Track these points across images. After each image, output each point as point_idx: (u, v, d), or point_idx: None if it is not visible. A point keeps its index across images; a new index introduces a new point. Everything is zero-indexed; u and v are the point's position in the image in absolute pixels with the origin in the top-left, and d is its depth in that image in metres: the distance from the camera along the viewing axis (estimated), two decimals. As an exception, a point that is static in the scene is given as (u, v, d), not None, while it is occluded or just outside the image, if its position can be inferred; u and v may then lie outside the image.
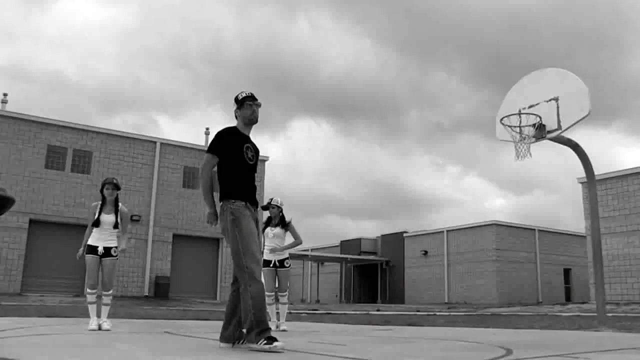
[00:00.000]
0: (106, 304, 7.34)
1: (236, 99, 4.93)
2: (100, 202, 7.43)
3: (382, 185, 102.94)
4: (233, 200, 4.61)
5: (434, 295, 39.21)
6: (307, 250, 50.61)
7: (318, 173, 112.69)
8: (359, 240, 46.86)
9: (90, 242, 7.26)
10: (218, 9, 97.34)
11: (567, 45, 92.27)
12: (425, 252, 41.00)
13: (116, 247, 7.38)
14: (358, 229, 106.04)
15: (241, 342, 4.53)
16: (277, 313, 8.25)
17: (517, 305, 28.95)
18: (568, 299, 38.99)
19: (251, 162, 4.81)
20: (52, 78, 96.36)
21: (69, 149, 26.73)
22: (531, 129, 8.16)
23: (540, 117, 8.07)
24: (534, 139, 8.21)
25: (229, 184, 4.69)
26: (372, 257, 45.41)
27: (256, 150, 4.97)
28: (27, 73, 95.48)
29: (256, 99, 4.92)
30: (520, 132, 8.32)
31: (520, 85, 8.61)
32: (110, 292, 7.38)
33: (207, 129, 32.75)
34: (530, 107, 8.31)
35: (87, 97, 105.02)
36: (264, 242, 8.31)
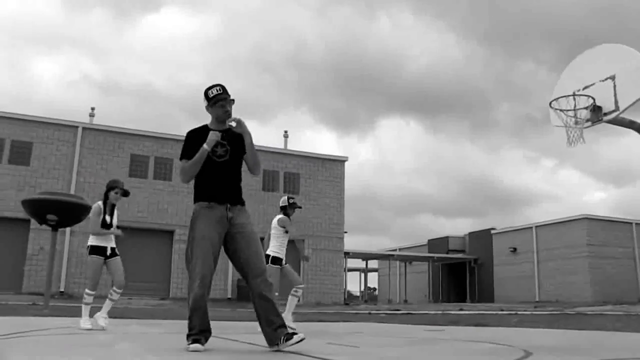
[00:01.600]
0: (113, 300, 7.28)
1: (206, 96, 4.54)
2: (101, 203, 7.32)
3: (474, 182, 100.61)
4: (197, 203, 4.43)
5: (524, 294, 37.62)
6: (395, 250, 50.01)
7: (408, 172, 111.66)
8: (446, 238, 45.76)
9: (96, 243, 7.15)
10: (298, 13, 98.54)
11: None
12: (514, 249, 39.45)
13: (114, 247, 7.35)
14: (453, 227, 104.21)
15: (283, 340, 4.17)
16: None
17: (613, 304, 27.25)
18: (675, 296, 36.39)
19: (221, 159, 4.47)
20: (143, 90, 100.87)
21: (150, 157, 27.69)
22: (586, 112, 7.51)
23: (594, 99, 7.41)
24: (589, 123, 7.56)
25: (196, 185, 4.51)
26: (459, 255, 44.24)
27: (237, 144, 4.57)
28: (120, 86, 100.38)
29: (227, 95, 4.54)
30: (575, 116, 7.68)
31: (573, 66, 7.95)
32: (121, 290, 7.28)
33: (286, 131, 33.06)
34: (585, 88, 7.66)
35: (176, 107, 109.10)
36: (272, 241, 8.00)
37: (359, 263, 48.58)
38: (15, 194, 24.08)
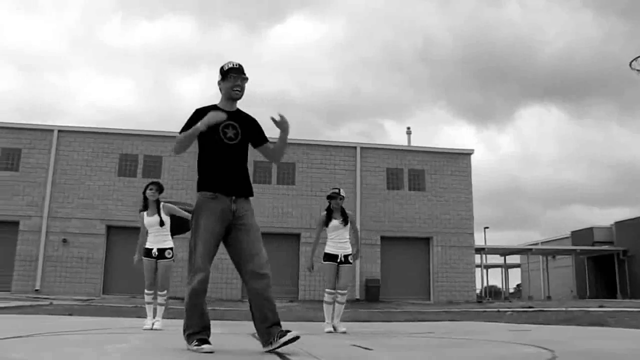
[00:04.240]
0: (161, 304, 7.44)
1: (221, 70, 4.33)
2: (141, 208, 7.62)
3: (627, 168, 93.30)
4: (200, 192, 4.23)
5: (684, 288, 33.99)
6: (536, 243, 47.55)
7: (554, 161, 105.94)
8: (590, 229, 42.58)
9: (146, 245, 7.51)
10: (422, 7, 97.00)
11: None
12: (668, 239, 35.86)
13: (170, 249, 7.52)
14: (607, 217, 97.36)
15: (277, 337, 3.97)
16: (332, 312, 7.50)
17: None
18: None
19: (232, 142, 4.24)
20: (279, 99, 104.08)
21: (272, 163, 28.41)
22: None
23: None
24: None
25: (200, 171, 4.30)
26: (605, 247, 40.94)
27: (248, 128, 4.37)
28: (256, 98, 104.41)
29: (243, 73, 4.30)
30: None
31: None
32: (165, 292, 7.47)
33: (408, 128, 32.62)
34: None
35: (313, 113, 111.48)
36: (328, 235, 7.66)
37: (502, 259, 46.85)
38: (150, 206, 25.84)
